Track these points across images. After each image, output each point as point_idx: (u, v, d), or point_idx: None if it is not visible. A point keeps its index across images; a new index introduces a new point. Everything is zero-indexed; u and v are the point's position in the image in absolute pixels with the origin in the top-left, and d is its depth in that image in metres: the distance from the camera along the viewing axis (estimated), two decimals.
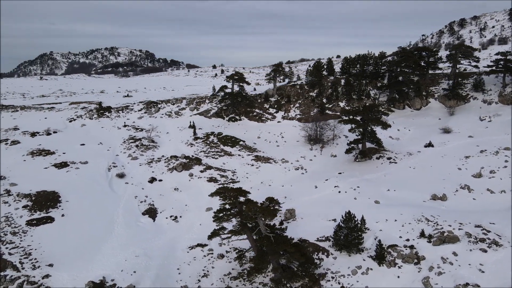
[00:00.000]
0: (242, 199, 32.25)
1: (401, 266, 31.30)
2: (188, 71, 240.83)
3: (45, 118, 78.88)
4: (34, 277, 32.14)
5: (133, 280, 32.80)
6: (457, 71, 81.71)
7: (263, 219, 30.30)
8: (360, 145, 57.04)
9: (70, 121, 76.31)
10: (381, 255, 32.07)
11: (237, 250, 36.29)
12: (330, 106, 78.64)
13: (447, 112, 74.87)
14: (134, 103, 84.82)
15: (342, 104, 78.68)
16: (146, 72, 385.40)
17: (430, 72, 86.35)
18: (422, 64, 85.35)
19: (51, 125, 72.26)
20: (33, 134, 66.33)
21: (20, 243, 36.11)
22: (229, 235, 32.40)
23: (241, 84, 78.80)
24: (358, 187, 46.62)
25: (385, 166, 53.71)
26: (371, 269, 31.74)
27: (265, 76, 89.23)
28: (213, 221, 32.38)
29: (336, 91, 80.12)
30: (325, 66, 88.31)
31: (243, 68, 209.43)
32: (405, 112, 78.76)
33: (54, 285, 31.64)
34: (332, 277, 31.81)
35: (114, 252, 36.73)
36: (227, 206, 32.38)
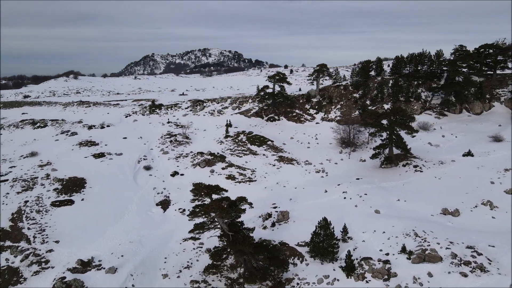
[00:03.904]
0: (216, 196, 33.02)
1: (369, 280, 29.20)
2: (261, 71, 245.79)
3: (108, 113, 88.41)
4: (40, 250, 37.11)
5: (117, 262, 35.84)
6: None
7: (219, 217, 30.70)
8: (386, 151, 53.43)
9: (126, 117, 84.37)
10: (350, 267, 30.31)
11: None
12: (373, 108, 74.32)
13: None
14: (183, 101, 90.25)
15: (386, 106, 73.75)
16: (228, 72, 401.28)
17: (499, 72, 76.38)
18: (489, 63, 76.02)
19: (109, 120, 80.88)
20: (90, 127, 75.04)
21: (39, 220, 41.86)
22: (201, 230, 33.44)
23: (282, 84, 78.71)
24: (366, 194, 43.95)
25: (409, 174, 49.52)
26: (337, 280, 30.25)
27: (307, 76, 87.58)
28: (188, 215, 33.75)
29: (381, 92, 75.41)
30: (373, 66, 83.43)
31: (313, 68, 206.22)
32: (461, 117, 71.00)
33: (54, 259, 36.17)
34: (298, 283, 31.03)
35: (114, 236, 40.39)
36: (203, 202, 33.44)
